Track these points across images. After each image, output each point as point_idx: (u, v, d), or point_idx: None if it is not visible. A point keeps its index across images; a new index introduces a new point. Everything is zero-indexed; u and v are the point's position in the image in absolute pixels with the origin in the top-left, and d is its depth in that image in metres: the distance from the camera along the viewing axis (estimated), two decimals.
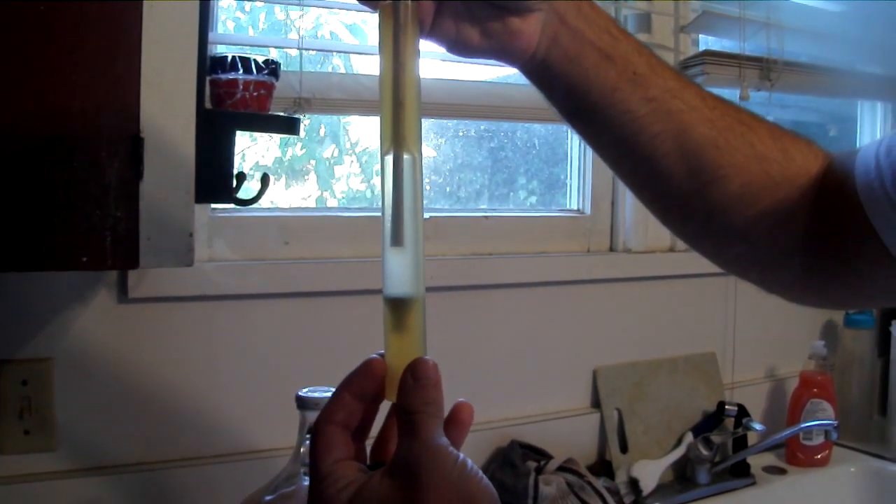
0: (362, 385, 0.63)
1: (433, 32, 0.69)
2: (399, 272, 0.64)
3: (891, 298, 0.87)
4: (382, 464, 0.60)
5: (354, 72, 1.72)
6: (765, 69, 1.86)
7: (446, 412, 0.64)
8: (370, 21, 1.71)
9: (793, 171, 0.81)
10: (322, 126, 1.76)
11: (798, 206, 0.80)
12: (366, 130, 1.80)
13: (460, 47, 0.72)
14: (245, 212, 1.43)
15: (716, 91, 0.82)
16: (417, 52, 0.65)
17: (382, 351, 0.64)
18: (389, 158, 0.63)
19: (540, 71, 0.74)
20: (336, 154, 1.78)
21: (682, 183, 0.79)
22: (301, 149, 1.75)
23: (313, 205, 1.74)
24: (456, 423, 0.64)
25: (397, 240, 0.63)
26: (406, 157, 0.63)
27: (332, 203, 1.76)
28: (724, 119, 0.79)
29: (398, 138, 0.63)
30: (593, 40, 0.73)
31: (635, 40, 0.76)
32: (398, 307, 0.64)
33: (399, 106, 0.63)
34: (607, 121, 0.76)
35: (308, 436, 1.07)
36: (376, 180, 1.78)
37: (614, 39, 0.74)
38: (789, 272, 0.86)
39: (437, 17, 0.69)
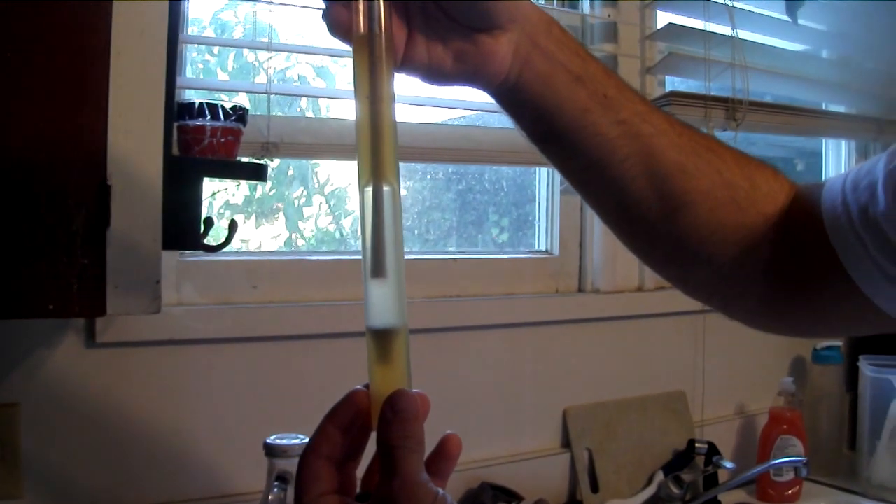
0: (345, 417, 0.62)
1: (406, 62, 0.69)
2: (381, 303, 0.63)
3: (854, 328, 0.88)
4: (369, 495, 0.60)
5: (322, 114, 1.72)
6: (730, 109, 1.88)
7: (434, 443, 0.64)
8: (338, 63, 1.72)
9: (759, 199, 0.81)
10: (290, 168, 1.77)
11: (763, 233, 0.81)
12: (334, 171, 1.80)
13: (434, 74, 0.71)
14: (213, 256, 1.42)
15: None
16: (393, 84, 0.65)
17: (368, 382, 0.64)
18: (369, 190, 0.62)
19: (512, 94, 0.74)
20: (305, 195, 1.78)
21: (650, 207, 0.79)
22: (271, 189, 1.75)
23: (283, 245, 1.74)
24: (443, 456, 0.64)
25: (379, 271, 0.62)
26: (385, 188, 0.62)
27: (300, 244, 1.76)
28: (692, 144, 0.79)
29: (377, 170, 0.63)
30: (564, 62, 0.73)
31: (602, 64, 0.77)
32: (382, 338, 0.63)
33: (377, 137, 0.63)
34: (578, 143, 0.76)
35: (276, 483, 1.08)
36: (346, 221, 1.78)
37: (583, 61, 0.74)
38: (753, 299, 0.86)
39: (409, 46, 0.68)
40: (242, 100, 1.54)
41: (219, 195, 1.69)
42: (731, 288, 0.86)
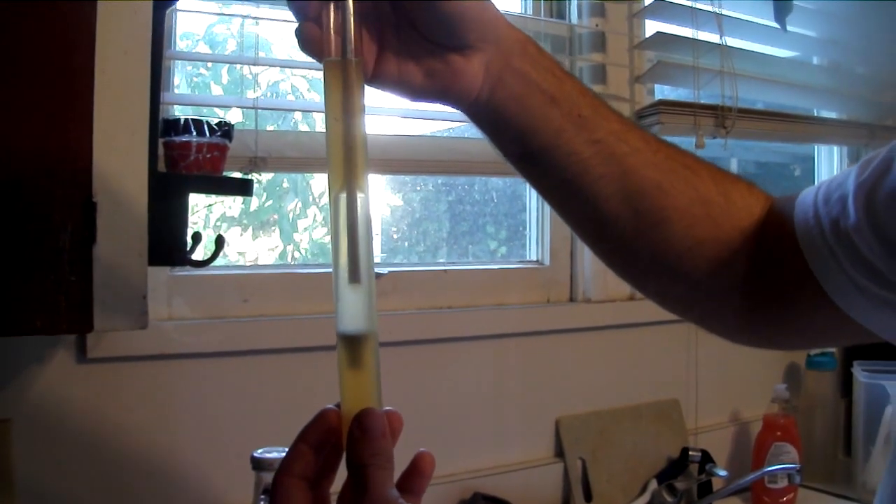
0: (317, 435, 0.62)
1: (376, 77, 0.69)
2: (354, 308, 0.64)
3: (829, 340, 0.89)
4: None
5: (314, 125, 1.73)
6: (719, 117, 1.88)
7: (407, 461, 0.64)
8: None
9: (734, 214, 0.82)
10: (285, 180, 1.77)
11: (739, 248, 0.82)
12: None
13: (404, 89, 0.71)
14: (204, 270, 1.42)
15: (671, 140, 0.83)
16: (363, 99, 0.66)
17: (339, 402, 0.64)
18: (343, 197, 0.63)
19: (485, 113, 0.74)
20: (300, 208, 1.78)
21: (626, 225, 0.80)
22: (266, 201, 1.76)
23: (279, 257, 1.74)
24: (416, 474, 0.64)
25: (355, 276, 0.63)
26: (359, 195, 0.63)
27: (296, 256, 1.76)
28: (668, 162, 0.80)
29: (350, 178, 0.64)
30: (538, 82, 0.74)
31: (578, 82, 0.77)
32: (353, 344, 0.64)
33: (349, 151, 0.64)
34: (552, 163, 0.76)
35: (263, 496, 1.08)
36: None
37: (559, 81, 0.75)
38: (730, 312, 0.87)
39: (380, 61, 0.69)
40: (234, 113, 1.54)
41: (215, 208, 1.69)
42: (708, 301, 0.87)
